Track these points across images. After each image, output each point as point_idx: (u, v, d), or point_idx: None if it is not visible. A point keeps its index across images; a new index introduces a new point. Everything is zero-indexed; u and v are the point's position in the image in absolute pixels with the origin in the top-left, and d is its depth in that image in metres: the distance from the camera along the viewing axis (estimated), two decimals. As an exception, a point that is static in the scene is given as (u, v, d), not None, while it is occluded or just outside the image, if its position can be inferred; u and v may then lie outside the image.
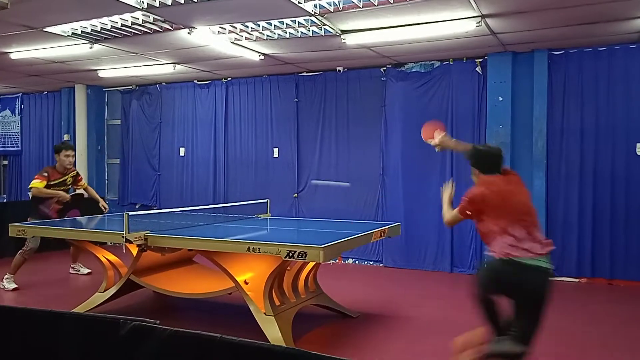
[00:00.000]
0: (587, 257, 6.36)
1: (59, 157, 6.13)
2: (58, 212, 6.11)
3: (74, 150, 6.32)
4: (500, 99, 6.69)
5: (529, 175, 6.60)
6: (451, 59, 7.04)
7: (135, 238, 4.12)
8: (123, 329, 1.76)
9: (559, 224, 6.49)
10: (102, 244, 5.22)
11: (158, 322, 1.74)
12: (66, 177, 6.20)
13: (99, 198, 6.50)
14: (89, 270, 6.77)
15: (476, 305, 3.35)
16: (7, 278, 6.02)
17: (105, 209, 6.42)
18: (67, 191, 6.23)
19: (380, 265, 7.47)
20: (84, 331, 1.85)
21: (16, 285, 5.99)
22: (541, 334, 4.44)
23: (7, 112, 10.79)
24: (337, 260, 7.75)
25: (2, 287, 5.98)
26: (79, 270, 6.79)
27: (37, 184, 5.95)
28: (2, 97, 10.79)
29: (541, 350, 4.17)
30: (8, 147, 10.77)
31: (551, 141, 6.54)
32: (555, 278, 6.46)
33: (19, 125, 10.62)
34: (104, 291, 4.91)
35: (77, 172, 6.45)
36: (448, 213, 3.60)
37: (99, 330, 1.83)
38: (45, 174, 6.04)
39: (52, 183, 6.07)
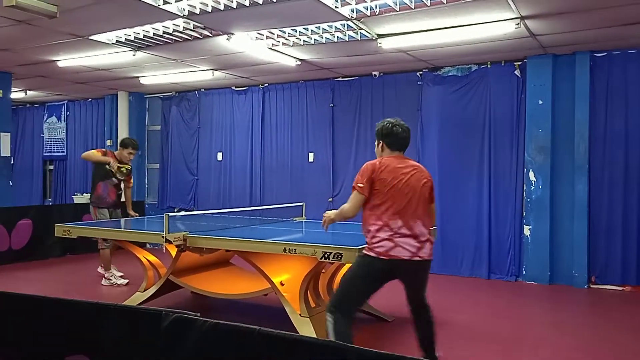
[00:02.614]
0: (632, 265, 6.15)
1: (122, 151, 6.41)
2: (116, 196, 6.40)
3: (139, 151, 6.65)
4: (540, 102, 6.56)
5: (570, 180, 6.45)
6: (489, 62, 6.95)
7: (175, 238, 4.22)
8: (165, 320, 1.81)
9: (602, 231, 6.30)
10: (142, 245, 5.36)
11: (198, 314, 1.79)
12: (122, 165, 6.41)
13: (129, 203, 6.70)
14: (127, 281, 6.38)
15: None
16: (107, 276, 6.31)
17: (135, 215, 6.62)
18: (118, 182, 6.48)
19: (416, 270, 7.39)
20: (128, 323, 1.91)
21: (126, 281, 6.30)
22: (584, 343, 4.32)
23: (54, 118, 11.22)
24: (372, 265, 7.70)
25: (109, 283, 6.26)
26: (116, 281, 6.36)
27: (93, 151, 6.42)
28: (48, 104, 11.24)
29: None
30: (54, 152, 11.19)
31: (594, 145, 6.36)
32: (598, 286, 6.31)
33: (64, 131, 11.02)
34: (144, 291, 5.03)
35: (131, 168, 6.70)
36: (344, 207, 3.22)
37: (142, 322, 1.88)
38: (104, 150, 6.48)
39: (113, 163, 6.34)
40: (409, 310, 3.41)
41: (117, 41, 6.19)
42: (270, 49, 6.38)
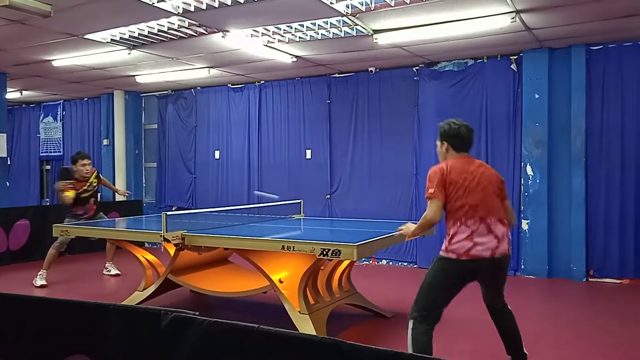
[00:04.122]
0: (629, 257, 6.17)
1: (77, 167, 6.32)
2: (95, 209, 6.49)
3: (90, 158, 6.52)
4: (537, 96, 6.57)
5: (567, 173, 6.46)
6: (485, 57, 6.95)
7: (173, 237, 4.21)
8: (164, 320, 1.81)
9: (600, 223, 6.32)
10: (140, 245, 5.36)
11: (197, 313, 1.79)
12: (89, 181, 6.38)
13: (116, 188, 6.88)
14: (118, 272, 6.85)
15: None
16: (40, 274, 6.26)
17: (126, 194, 6.97)
18: (96, 192, 6.55)
19: (415, 266, 7.42)
20: (128, 322, 1.91)
21: (45, 283, 6.20)
22: (584, 335, 4.35)
23: (50, 118, 11.18)
24: (371, 261, 7.73)
25: (33, 283, 6.22)
26: (110, 271, 6.89)
27: (71, 193, 6.18)
28: (44, 104, 11.20)
29: (583, 352, 4.08)
30: (51, 152, 11.15)
31: (590, 138, 6.37)
32: (596, 279, 6.33)
33: (61, 131, 10.99)
34: (143, 290, 5.03)
35: (97, 172, 6.65)
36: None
37: (141, 322, 1.89)
38: (71, 186, 6.27)
39: (80, 190, 6.27)
40: (489, 312, 3.35)
41: (111, 40, 6.17)
42: (266, 45, 6.37)
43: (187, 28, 5.71)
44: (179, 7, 4.99)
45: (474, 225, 3.05)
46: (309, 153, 8.28)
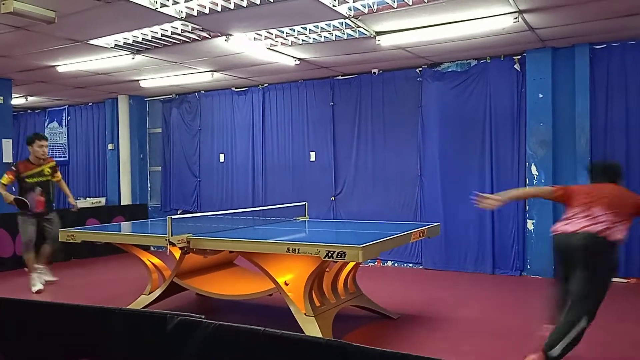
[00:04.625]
0: (635, 257, 6.14)
1: (33, 148, 6.16)
2: (45, 205, 6.24)
3: (48, 140, 6.36)
4: (541, 95, 6.55)
5: (572, 173, 6.44)
6: (488, 57, 6.94)
7: (179, 241, 4.22)
8: (170, 323, 1.82)
9: (606, 223, 6.29)
10: (146, 248, 5.37)
11: (203, 316, 1.79)
12: (42, 167, 6.22)
13: (70, 194, 6.66)
14: (55, 279, 6.60)
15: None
16: (32, 281, 6.25)
17: (75, 205, 6.66)
18: (48, 182, 6.26)
19: (420, 267, 7.41)
20: (133, 326, 1.92)
21: (41, 287, 6.20)
22: (590, 335, 4.32)
23: (55, 123, 11.24)
24: (376, 263, 7.72)
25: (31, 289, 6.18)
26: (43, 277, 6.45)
27: (4, 179, 6.01)
28: (49, 109, 11.26)
29: (585, 352, 4.07)
30: (56, 157, 11.15)
31: (595, 138, 6.35)
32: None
33: (66, 136, 11.04)
34: (149, 294, 5.04)
35: (56, 164, 6.49)
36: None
37: (147, 325, 1.89)
38: (14, 168, 6.10)
39: (26, 174, 6.10)
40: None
41: (115, 45, 6.20)
42: (269, 49, 6.38)
43: (190, 32, 5.73)
44: (182, 11, 5.02)
45: (574, 212, 3.57)
46: (313, 155, 8.29)
